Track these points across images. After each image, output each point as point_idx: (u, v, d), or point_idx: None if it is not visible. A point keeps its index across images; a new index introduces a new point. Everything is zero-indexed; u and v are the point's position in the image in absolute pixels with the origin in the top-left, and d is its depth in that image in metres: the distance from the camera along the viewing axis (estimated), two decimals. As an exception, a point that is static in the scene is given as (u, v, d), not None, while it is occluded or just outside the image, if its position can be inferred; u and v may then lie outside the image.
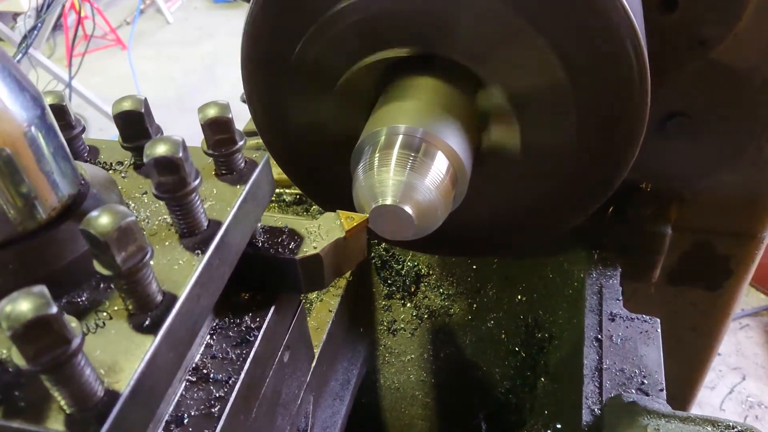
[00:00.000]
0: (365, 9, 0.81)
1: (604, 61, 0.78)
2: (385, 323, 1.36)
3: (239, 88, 0.98)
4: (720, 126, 1.08)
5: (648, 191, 1.19)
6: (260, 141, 1.31)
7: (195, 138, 0.66)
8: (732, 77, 1.03)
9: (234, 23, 6.21)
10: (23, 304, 0.38)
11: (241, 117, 1.41)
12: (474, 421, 1.37)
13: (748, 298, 3.34)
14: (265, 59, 0.91)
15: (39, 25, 4.14)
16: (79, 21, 5.13)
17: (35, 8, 4.16)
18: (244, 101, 0.99)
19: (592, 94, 0.81)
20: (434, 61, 0.85)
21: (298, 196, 1.36)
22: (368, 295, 1.35)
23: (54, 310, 0.38)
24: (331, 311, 1.16)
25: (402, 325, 1.36)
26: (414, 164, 0.75)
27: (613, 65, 0.78)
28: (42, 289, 0.39)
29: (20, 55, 4.13)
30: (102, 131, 4.85)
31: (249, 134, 1.49)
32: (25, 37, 4.18)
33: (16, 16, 5.26)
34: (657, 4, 0.97)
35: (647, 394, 0.91)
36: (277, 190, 1.36)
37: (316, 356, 1.05)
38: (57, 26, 5.51)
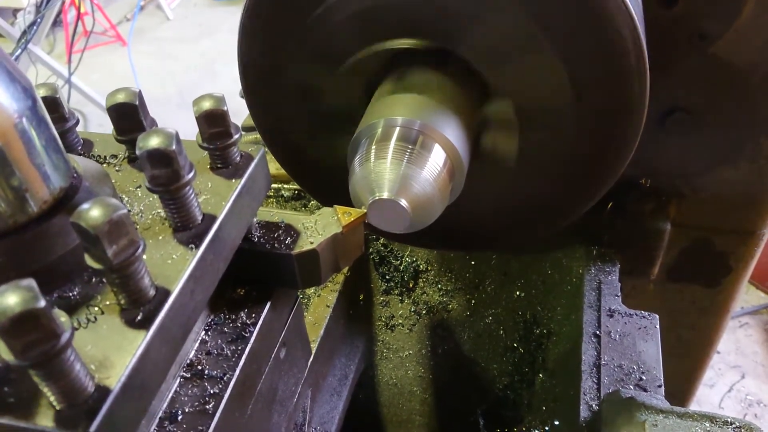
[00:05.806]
0: None
1: (604, 59, 0.78)
2: (383, 319, 1.36)
3: (239, 84, 0.97)
4: (719, 122, 1.08)
5: (647, 187, 1.18)
6: (258, 136, 1.31)
7: (194, 134, 0.66)
8: (732, 73, 1.02)
9: (234, 20, 6.19)
10: (11, 298, 0.37)
11: (240, 113, 1.40)
12: (472, 417, 1.37)
13: (747, 296, 3.33)
14: (263, 57, 0.91)
15: (38, 21, 4.13)
16: (79, 17, 5.11)
17: (35, 4, 4.14)
18: (243, 97, 0.99)
19: (592, 92, 0.80)
20: (437, 55, 0.84)
21: (296, 192, 1.35)
22: (366, 290, 1.35)
23: (42, 303, 0.38)
24: (328, 306, 1.16)
25: (400, 321, 1.35)
26: (411, 156, 0.75)
27: (613, 62, 0.78)
28: (30, 282, 0.38)
29: (20, 50, 4.11)
30: (101, 127, 4.83)
31: (247, 129, 1.49)
32: (24, 33, 4.16)
33: (15, 11, 5.24)
34: (658, -1, 0.97)
35: (645, 390, 0.91)
36: (276, 186, 1.35)
37: (314, 352, 1.04)
38: (57, 22, 5.49)
